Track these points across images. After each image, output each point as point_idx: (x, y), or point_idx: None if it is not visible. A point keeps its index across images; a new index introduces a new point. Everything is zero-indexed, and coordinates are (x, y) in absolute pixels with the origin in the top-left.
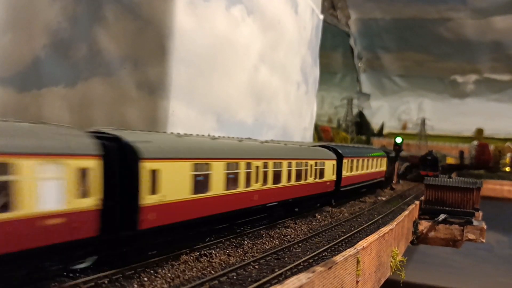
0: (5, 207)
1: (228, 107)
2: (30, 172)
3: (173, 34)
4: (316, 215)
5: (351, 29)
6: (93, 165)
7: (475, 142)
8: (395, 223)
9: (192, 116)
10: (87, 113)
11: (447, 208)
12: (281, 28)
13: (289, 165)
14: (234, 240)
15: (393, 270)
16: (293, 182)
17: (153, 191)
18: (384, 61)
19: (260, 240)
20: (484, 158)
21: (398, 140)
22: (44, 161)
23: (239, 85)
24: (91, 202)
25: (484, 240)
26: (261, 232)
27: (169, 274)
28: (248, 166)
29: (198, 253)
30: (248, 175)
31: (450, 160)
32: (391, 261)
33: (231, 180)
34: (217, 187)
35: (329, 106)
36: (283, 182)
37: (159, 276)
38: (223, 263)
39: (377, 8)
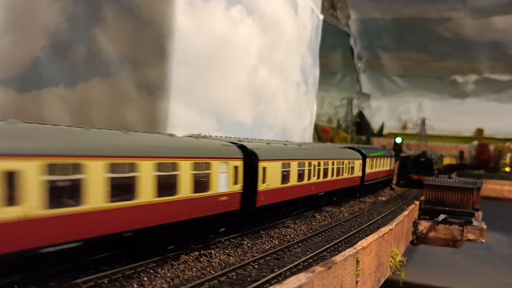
0: (203, 190)
1: (227, 107)
2: (216, 168)
3: (172, 35)
4: (316, 215)
5: (351, 29)
6: (240, 164)
7: (475, 142)
8: (395, 223)
9: (191, 117)
10: (87, 113)
11: (447, 208)
12: (280, 28)
13: (333, 163)
14: (233, 240)
15: (393, 270)
16: (334, 177)
17: (263, 181)
18: (384, 61)
19: (259, 240)
20: (484, 158)
21: (398, 140)
22: (222, 162)
23: (239, 85)
24: (239, 187)
25: (484, 240)
26: (261, 232)
27: (168, 274)
28: (309, 164)
29: (197, 253)
30: (309, 171)
31: (448, 161)
32: (391, 261)
33: (300, 175)
34: (293, 180)
35: (329, 106)
36: (329, 177)
37: (159, 275)
38: (222, 263)
39: (376, 8)
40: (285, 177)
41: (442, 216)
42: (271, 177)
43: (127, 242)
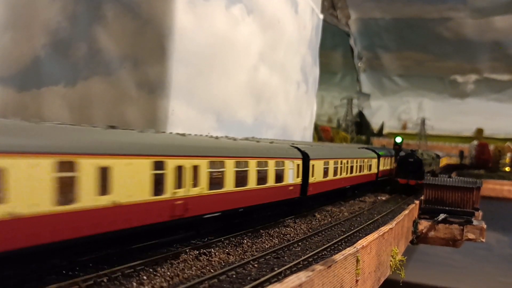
0: (280, 181)
1: (227, 106)
2: (287, 165)
3: (172, 34)
4: (316, 214)
5: (351, 29)
6: (300, 162)
7: (475, 142)
8: (395, 222)
9: (191, 116)
10: (87, 112)
11: (447, 208)
12: (280, 28)
13: (357, 162)
14: (233, 239)
15: (393, 270)
16: (357, 173)
17: (312, 175)
18: (384, 60)
19: (259, 239)
20: (484, 158)
21: (398, 139)
22: (290, 161)
23: (239, 84)
24: (299, 180)
25: (484, 240)
26: (261, 231)
27: (168, 273)
28: (341, 162)
29: (197, 252)
30: (340, 168)
31: (446, 161)
32: (391, 261)
33: (335, 171)
34: (330, 175)
35: (329, 106)
36: (354, 173)
37: (158, 274)
38: (222, 261)
39: (377, 8)
40: (325, 172)
41: (442, 216)
42: (317, 173)
43: (240, 215)
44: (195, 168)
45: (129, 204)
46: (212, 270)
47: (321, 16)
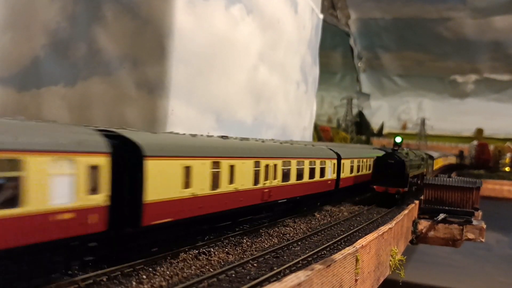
0: (322, 176)
1: (227, 106)
2: (328, 164)
3: (172, 34)
4: (315, 214)
5: (351, 29)
6: (336, 161)
7: (475, 142)
8: (395, 222)
9: (191, 115)
10: (87, 112)
11: (446, 208)
12: (280, 28)
13: (367, 161)
14: (233, 239)
15: (393, 269)
16: (366, 172)
17: (343, 172)
18: (384, 60)
19: (259, 239)
20: (484, 158)
21: (398, 139)
22: (330, 161)
23: (239, 84)
24: (335, 176)
25: (483, 240)
26: (260, 230)
27: (167, 272)
28: (363, 162)
29: (197, 251)
30: (363, 166)
31: (442, 163)
32: (390, 260)
33: (358, 168)
34: (354, 172)
35: (328, 106)
36: (363, 172)
37: (158, 273)
38: (221, 261)
39: (376, 8)
40: (351, 169)
41: (441, 216)
42: (346, 169)
43: (297, 202)
44: (275, 166)
45: (243, 190)
46: (211, 270)
47: (321, 16)
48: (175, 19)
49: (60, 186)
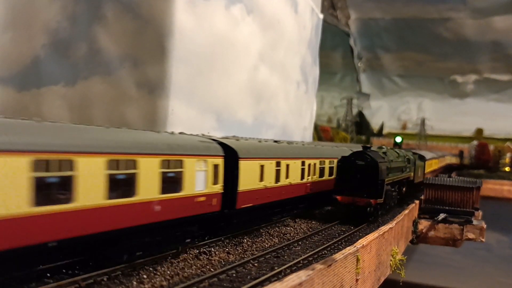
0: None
1: (227, 106)
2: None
3: (172, 33)
4: (316, 213)
5: (351, 29)
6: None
7: (475, 142)
8: (395, 222)
9: (191, 115)
10: (87, 112)
11: (446, 208)
12: (280, 28)
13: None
14: (233, 238)
15: (393, 269)
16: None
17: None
18: (384, 61)
19: (259, 239)
20: (484, 158)
21: (398, 139)
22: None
23: (239, 84)
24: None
25: (483, 240)
26: (261, 230)
27: (168, 272)
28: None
29: (197, 251)
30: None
31: (436, 165)
32: (391, 260)
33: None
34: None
35: (328, 106)
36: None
37: (158, 273)
38: (222, 261)
39: (377, 8)
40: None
41: (442, 215)
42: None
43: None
44: (314, 165)
45: (294, 184)
46: (212, 269)
47: (321, 16)
48: (175, 19)
49: (199, 178)
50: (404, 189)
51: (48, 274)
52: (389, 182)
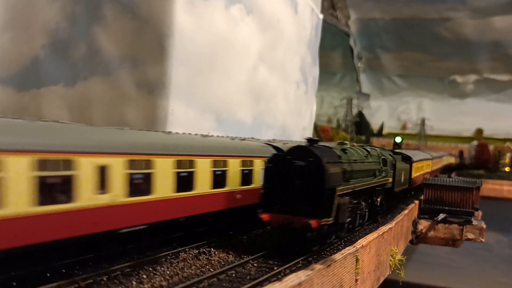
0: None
1: (227, 106)
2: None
3: (172, 34)
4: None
5: (351, 29)
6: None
7: (475, 142)
8: (394, 222)
9: (191, 115)
10: (86, 112)
11: (446, 208)
12: (280, 28)
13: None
14: (233, 238)
15: (393, 269)
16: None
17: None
18: (384, 61)
19: (259, 238)
20: (483, 158)
21: (398, 139)
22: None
23: (238, 84)
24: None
25: (483, 240)
26: (261, 230)
27: (168, 272)
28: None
29: (197, 251)
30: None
31: (424, 169)
32: (390, 260)
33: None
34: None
35: (328, 106)
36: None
37: (158, 273)
38: (222, 260)
39: (376, 8)
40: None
41: (441, 216)
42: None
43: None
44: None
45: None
46: (211, 269)
47: (321, 16)
48: (175, 19)
49: (260, 175)
50: (379, 200)
51: (48, 274)
52: (346, 192)
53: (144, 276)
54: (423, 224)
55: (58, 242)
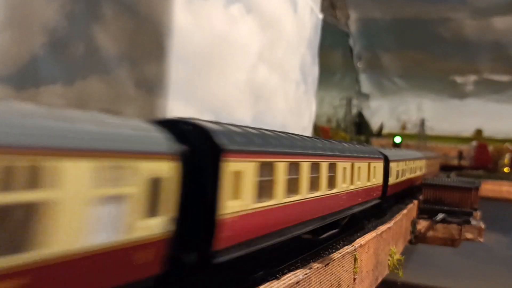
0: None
1: (226, 105)
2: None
3: (171, 32)
4: None
5: (351, 29)
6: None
7: (474, 143)
8: (393, 221)
9: (190, 115)
10: (85, 111)
11: (445, 208)
12: (279, 27)
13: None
14: None
15: (391, 269)
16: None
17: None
18: (384, 61)
19: None
20: (483, 158)
21: (397, 139)
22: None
23: (238, 83)
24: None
25: (482, 240)
26: None
27: None
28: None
29: None
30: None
31: (414, 172)
32: (389, 260)
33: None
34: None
35: (328, 106)
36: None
37: None
38: None
39: (376, 8)
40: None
41: (440, 215)
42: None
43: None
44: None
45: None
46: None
47: (321, 16)
48: (173, 18)
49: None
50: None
51: None
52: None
53: None
54: (422, 224)
55: None
